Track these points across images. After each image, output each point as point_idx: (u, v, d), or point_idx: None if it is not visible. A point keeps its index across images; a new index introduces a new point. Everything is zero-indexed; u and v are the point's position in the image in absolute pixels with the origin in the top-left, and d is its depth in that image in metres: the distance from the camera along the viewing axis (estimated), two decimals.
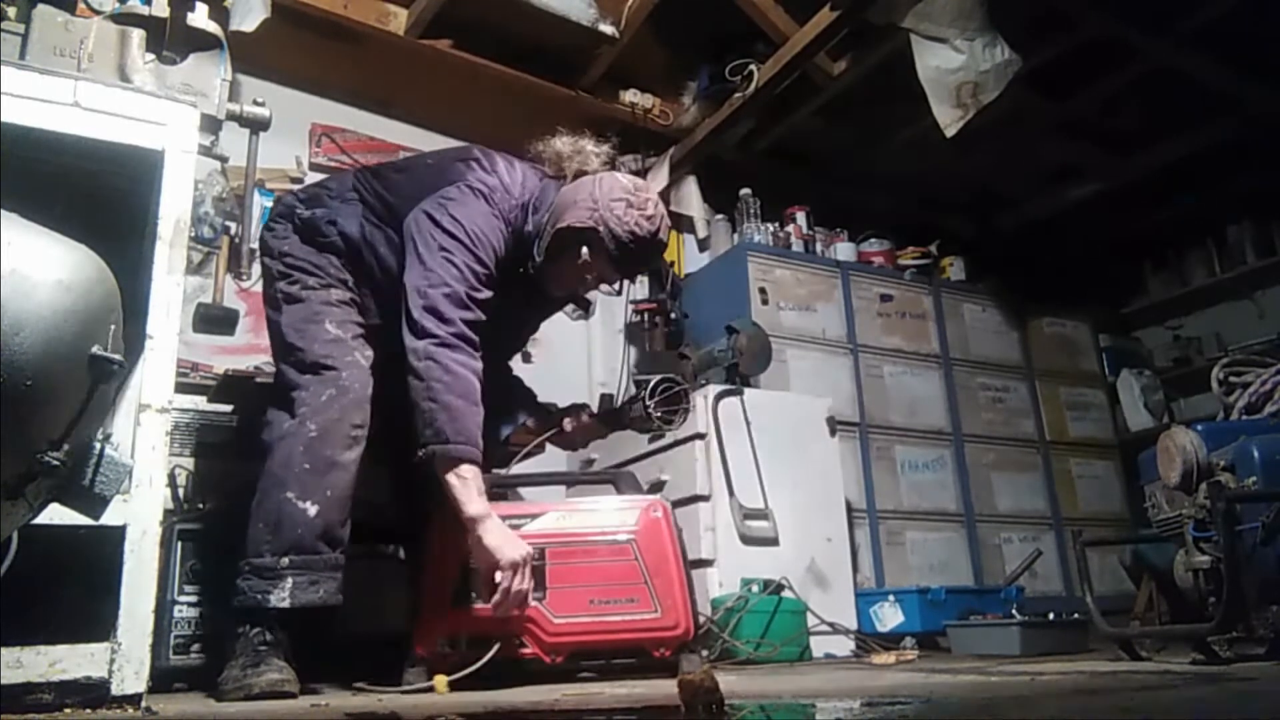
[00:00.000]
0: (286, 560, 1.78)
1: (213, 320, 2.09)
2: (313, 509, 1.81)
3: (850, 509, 3.28)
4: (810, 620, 2.63)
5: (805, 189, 4.52)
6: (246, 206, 2.40)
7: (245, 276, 3.31)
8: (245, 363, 3.15)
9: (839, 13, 3.29)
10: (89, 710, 1.29)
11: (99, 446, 1.07)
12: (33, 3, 1.60)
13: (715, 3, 3.48)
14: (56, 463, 0.99)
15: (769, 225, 4.20)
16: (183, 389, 2.50)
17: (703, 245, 4.37)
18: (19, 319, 0.92)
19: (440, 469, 1.78)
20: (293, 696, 1.68)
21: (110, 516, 1.21)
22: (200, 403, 2.72)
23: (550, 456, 3.20)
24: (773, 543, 2.93)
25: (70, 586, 1.46)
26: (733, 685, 1.59)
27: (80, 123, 1.45)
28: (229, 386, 2.68)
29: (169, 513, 2.19)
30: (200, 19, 1.77)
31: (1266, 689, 1.29)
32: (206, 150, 1.73)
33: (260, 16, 2.87)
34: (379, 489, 2.12)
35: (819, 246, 4.33)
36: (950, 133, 3.35)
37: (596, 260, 1.98)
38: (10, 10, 1.59)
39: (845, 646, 2.82)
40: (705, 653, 2.17)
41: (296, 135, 3.70)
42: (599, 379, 4.20)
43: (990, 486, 4.19)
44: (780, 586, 2.62)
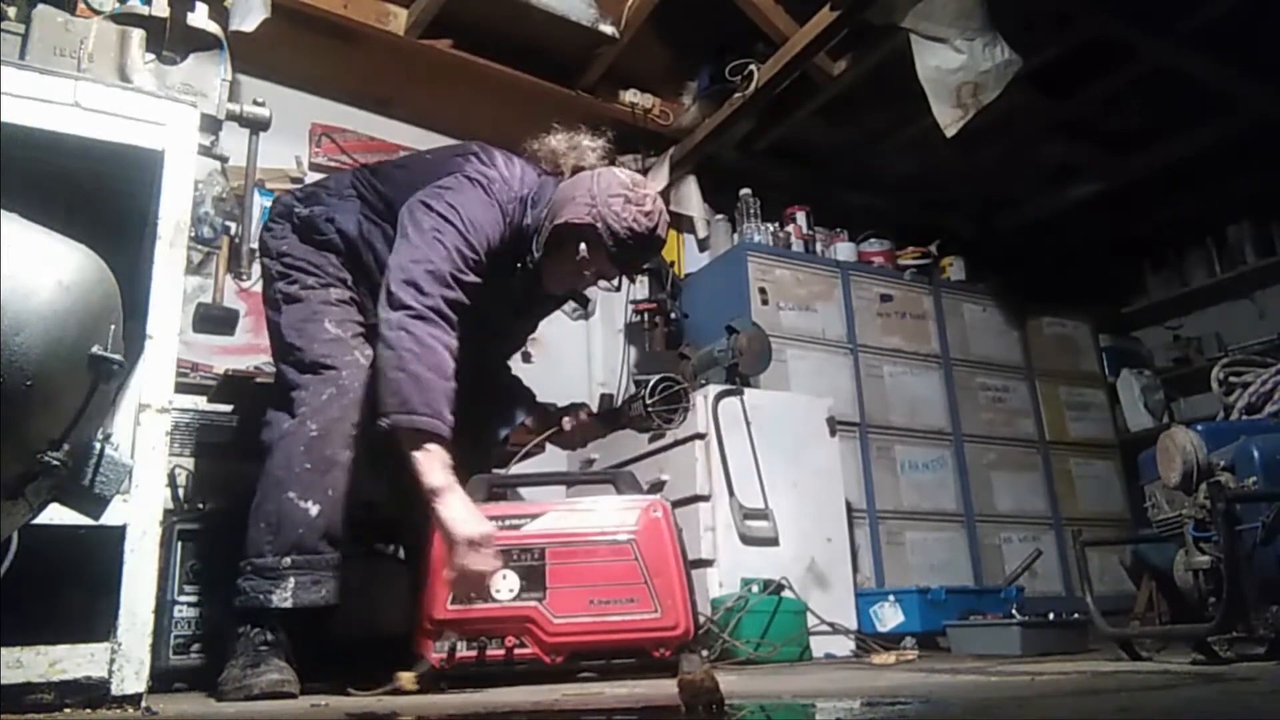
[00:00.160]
0: (289, 560, 1.78)
1: (213, 320, 2.09)
2: (314, 509, 1.80)
3: (850, 509, 3.28)
4: (810, 620, 2.63)
5: (805, 189, 4.52)
6: (246, 206, 2.41)
7: (245, 276, 3.31)
8: (245, 363, 3.15)
9: (839, 13, 3.29)
10: (89, 710, 1.29)
11: (99, 446, 1.07)
12: (33, 3, 1.60)
13: (715, 3, 3.48)
14: (56, 463, 0.99)
15: (769, 225, 4.20)
16: (183, 389, 2.50)
17: (703, 245, 4.37)
18: (19, 319, 0.92)
19: (404, 441, 1.70)
20: (293, 697, 1.68)
21: (110, 516, 1.21)
22: (200, 403, 2.72)
23: (550, 456, 3.20)
24: (773, 543, 2.93)
25: (70, 586, 1.46)
26: (733, 685, 1.59)
27: (80, 123, 1.44)
28: (229, 386, 2.68)
29: (169, 513, 2.19)
30: (200, 19, 1.77)
31: (1266, 689, 1.28)
32: (206, 150, 1.73)
33: (260, 16, 2.87)
34: (379, 489, 2.12)
35: (819, 246, 4.33)
36: (950, 133, 3.35)
37: (595, 256, 1.96)
38: (10, 10, 1.59)
39: (845, 646, 2.82)
40: (705, 653, 2.17)
41: (296, 135, 3.71)
42: (599, 379, 4.20)
43: (990, 486, 4.19)
44: (780, 586, 2.61)
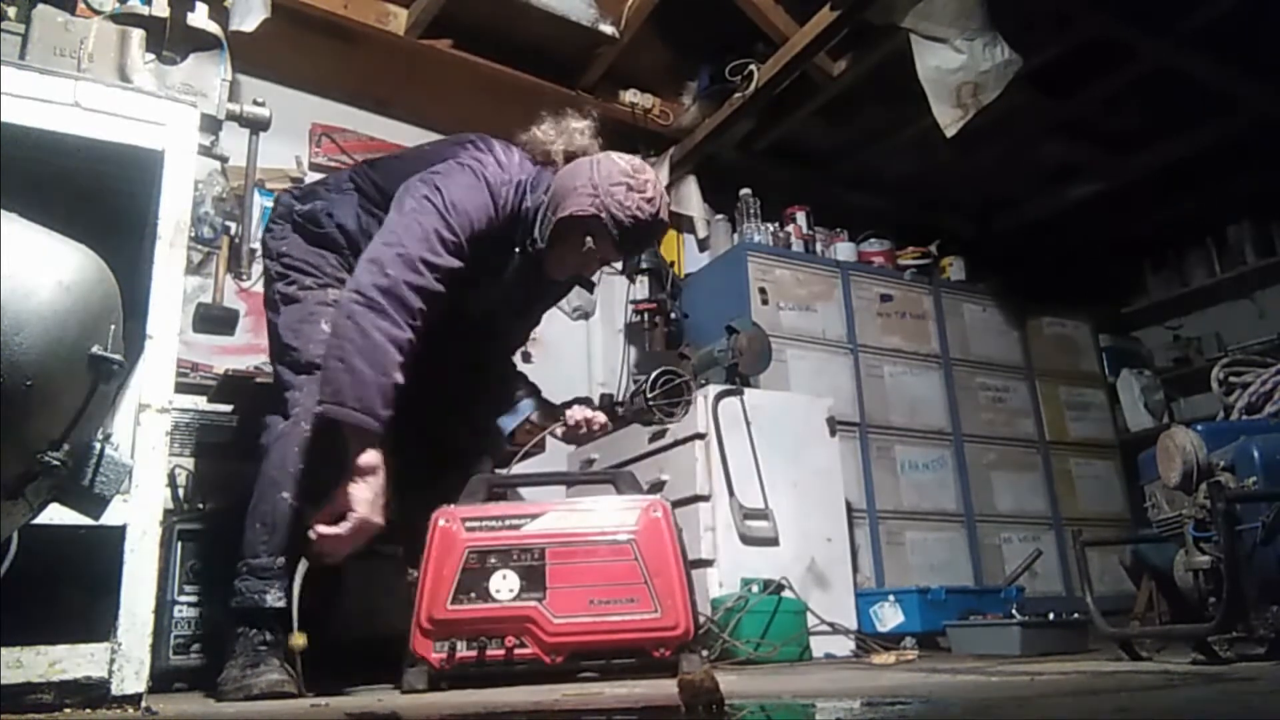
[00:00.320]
0: (284, 560, 1.79)
1: (213, 320, 2.09)
2: (309, 510, 1.81)
3: (850, 509, 3.28)
4: (810, 620, 2.62)
5: (805, 189, 4.52)
6: (246, 206, 2.41)
7: (245, 276, 3.32)
8: (245, 363, 3.16)
9: (839, 13, 3.29)
10: (89, 710, 1.29)
11: (99, 446, 1.07)
12: (33, 3, 1.60)
13: (715, 3, 3.48)
14: (56, 463, 0.99)
15: (769, 225, 4.20)
16: (183, 389, 2.50)
17: (703, 245, 4.36)
18: (19, 319, 0.92)
19: (341, 425, 1.73)
20: (293, 696, 1.69)
21: (110, 516, 1.21)
22: (200, 403, 2.72)
23: (550, 456, 3.21)
24: (773, 543, 2.92)
25: (70, 586, 1.46)
26: (733, 685, 1.59)
27: (80, 123, 1.45)
28: (229, 386, 2.68)
29: (169, 513, 2.19)
30: (200, 19, 1.77)
31: (1266, 689, 1.28)
32: (206, 150, 1.73)
33: (260, 16, 2.87)
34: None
35: (819, 246, 4.33)
36: (950, 133, 3.35)
37: (601, 245, 1.98)
38: (10, 10, 1.59)
39: (845, 646, 2.82)
40: (705, 653, 2.17)
41: (296, 135, 3.71)
42: (599, 379, 4.20)
43: (990, 486, 4.19)
44: (780, 586, 2.61)
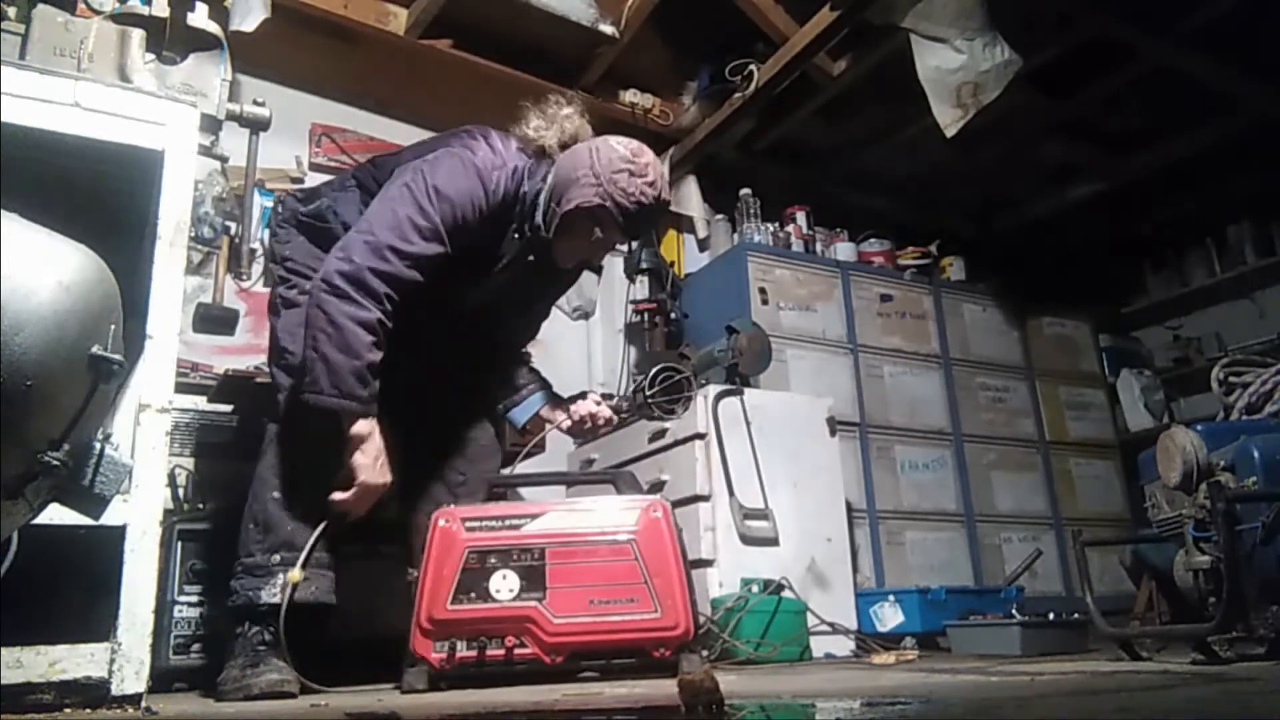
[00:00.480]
0: (278, 557, 1.81)
1: (213, 320, 2.10)
2: (300, 509, 1.84)
3: (850, 509, 3.28)
4: (810, 620, 2.62)
5: (805, 189, 4.52)
6: (246, 206, 2.41)
7: (245, 276, 3.32)
8: (245, 363, 3.15)
9: (839, 13, 3.29)
10: (89, 710, 1.29)
11: (99, 446, 1.07)
12: (33, 3, 1.60)
13: (715, 3, 3.48)
14: (56, 463, 0.99)
15: (769, 225, 4.20)
16: (183, 389, 2.50)
17: (703, 245, 4.36)
18: (19, 319, 0.92)
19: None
20: (293, 696, 1.69)
21: (110, 516, 1.21)
22: (200, 403, 2.72)
23: (550, 456, 3.21)
24: (773, 543, 2.92)
25: (70, 586, 1.46)
26: (733, 685, 1.59)
27: (80, 123, 1.45)
28: (229, 386, 2.68)
29: (169, 513, 2.19)
30: (200, 19, 1.78)
31: (1266, 689, 1.28)
32: (206, 150, 1.74)
33: (260, 16, 2.87)
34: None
35: (819, 246, 4.33)
36: (950, 133, 3.35)
37: (608, 233, 2.01)
38: (10, 10, 1.59)
39: (845, 646, 2.81)
40: (705, 653, 2.17)
41: (296, 135, 3.70)
42: (599, 379, 4.20)
43: (990, 486, 4.19)
44: (780, 586, 2.61)
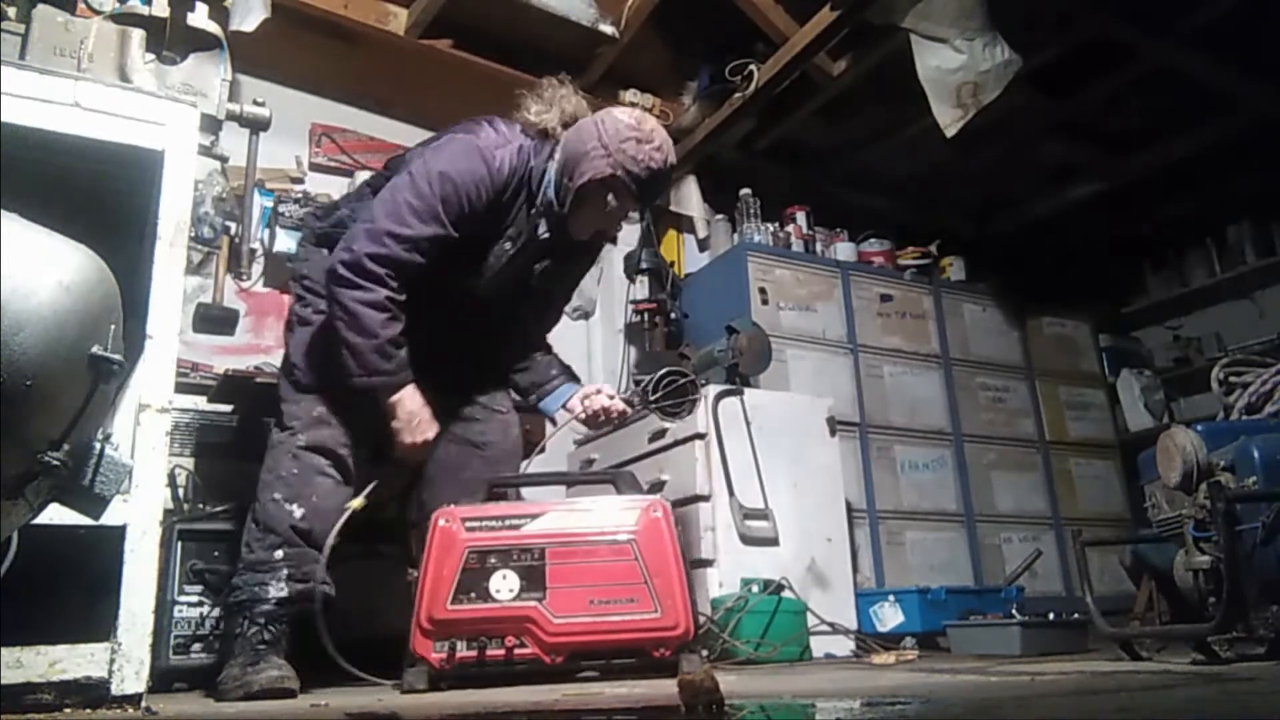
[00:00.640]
0: (280, 554, 1.85)
1: (213, 320, 2.10)
2: (298, 510, 1.89)
3: (850, 509, 3.28)
4: (810, 620, 2.62)
5: (805, 189, 4.52)
6: (246, 206, 2.42)
7: (245, 276, 3.32)
8: (245, 363, 3.15)
9: (839, 13, 3.29)
10: (89, 710, 1.29)
11: (99, 446, 1.07)
12: (33, 3, 1.60)
13: (715, 3, 3.48)
14: (56, 463, 0.99)
15: (769, 225, 4.20)
16: (183, 389, 2.50)
17: (703, 245, 4.36)
18: (19, 319, 0.92)
19: None
20: (293, 693, 1.69)
21: (110, 516, 1.21)
22: (200, 403, 2.72)
23: (550, 456, 3.21)
24: (773, 543, 2.92)
25: (70, 586, 1.46)
26: (733, 685, 1.59)
27: (80, 123, 1.45)
28: (229, 386, 2.68)
29: (169, 513, 2.19)
30: (200, 19, 1.78)
31: (1266, 689, 1.28)
32: (206, 150, 1.74)
33: (260, 16, 2.87)
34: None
35: (819, 246, 4.33)
36: (950, 133, 3.35)
37: (622, 201, 2.06)
38: (10, 10, 1.59)
39: (845, 646, 2.81)
40: (705, 653, 2.17)
41: (296, 135, 3.70)
42: (599, 379, 4.20)
43: (990, 486, 4.19)
44: (780, 586, 2.61)
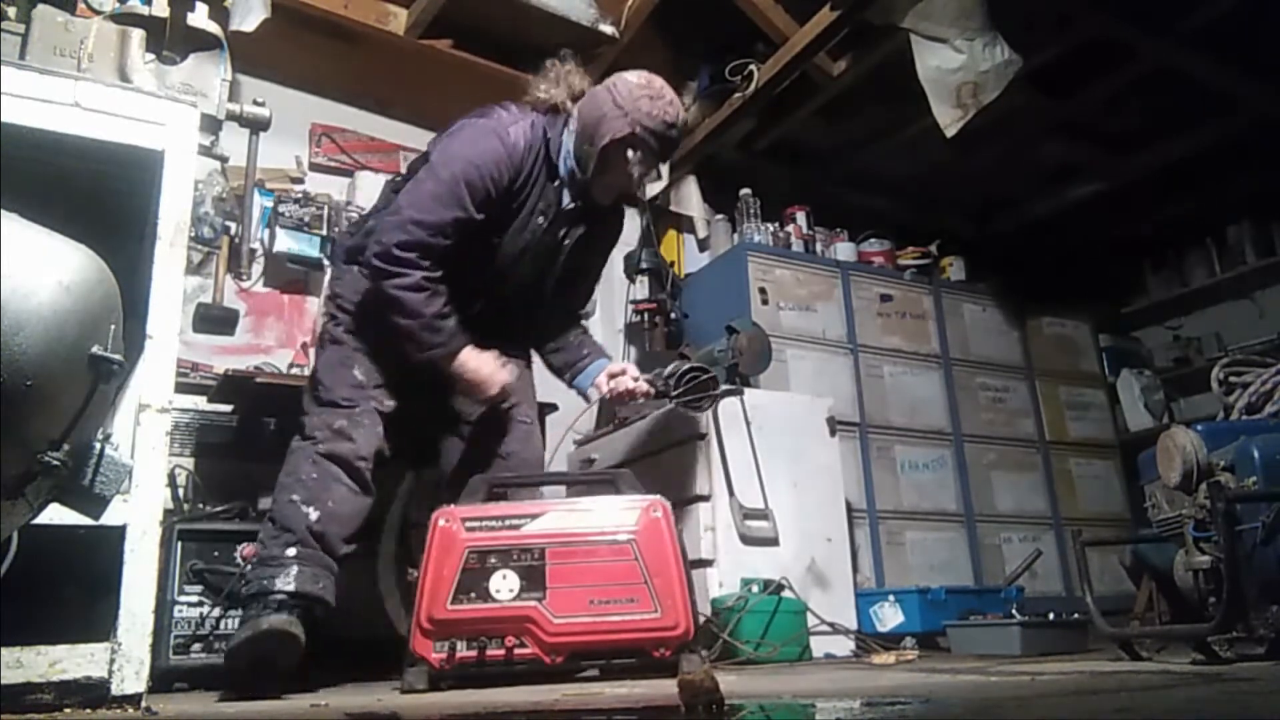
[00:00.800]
0: (293, 551, 1.90)
1: (213, 320, 2.11)
2: (314, 513, 1.93)
3: (850, 509, 3.28)
4: (810, 620, 2.62)
5: (805, 189, 4.52)
6: (246, 206, 2.43)
7: (245, 276, 3.32)
8: (245, 363, 3.15)
9: (839, 13, 3.29)
10: (89, 710, 1.29)
11: (99, 446, 1.08)
12: (33, 3, 1.60)
13: (715, 3, 3.48)
14: (56, 463, 0.99)
15: (769, 225, 4.19)
16: (183, 389, 2.51)
17: (703, 245, 4.36)
18: (19, 319, 0.92)
19: None
20: (297, 641, 1.77)
21: (110, 516, 1.21)
22: (200, 403, 2.73)
23: (550, 456, 3.21)
24: (773, 543, 2.92)
25: (70, 586, 1.46)
26: (733, 685, 1.59)
27: (80, 123, 1.45)
28: (229, 386, 2.68)
29: (169, 513, 2.19)
30: (200, 19, 1.78)
31: (1266, 689, 1.28)
32: (206, 150, 1.74)
33: (260, 16, 2.87)
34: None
35: (819, 246, 4.33)
36: (950, 133, 3.35)
37: (645, 158, 2.15)
38: (10, 10, 1.59)
39: (845, 646, 2.81)
40: (705, 653, 2.17)
41: (296, 135, 3.70)
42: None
43: (990, 486, 4.18)
44: (780, 586, 2.61)
